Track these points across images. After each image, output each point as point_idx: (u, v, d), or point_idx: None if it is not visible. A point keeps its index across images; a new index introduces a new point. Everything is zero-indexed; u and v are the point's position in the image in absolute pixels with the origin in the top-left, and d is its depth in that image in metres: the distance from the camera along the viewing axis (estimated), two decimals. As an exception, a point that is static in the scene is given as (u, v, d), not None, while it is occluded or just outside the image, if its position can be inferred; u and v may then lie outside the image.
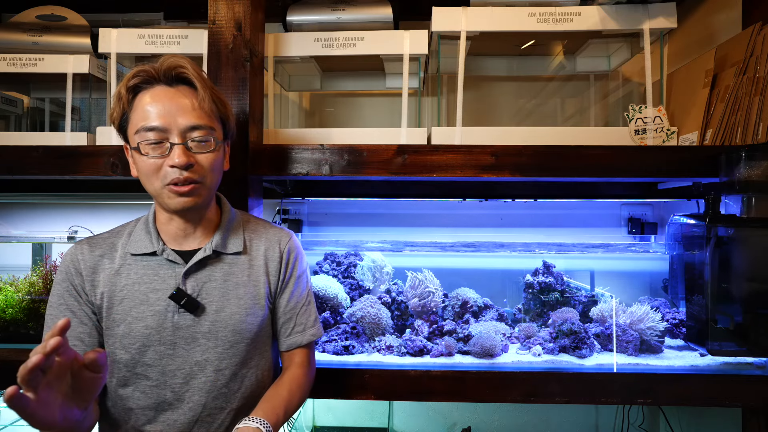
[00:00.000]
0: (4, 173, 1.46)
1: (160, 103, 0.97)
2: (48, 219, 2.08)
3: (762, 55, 1.40)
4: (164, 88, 0.99)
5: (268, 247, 1.13)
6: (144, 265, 1.04)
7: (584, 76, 1.99)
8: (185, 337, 1.02)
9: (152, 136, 0.96)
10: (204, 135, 0.99)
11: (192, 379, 1.02)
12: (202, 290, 1.04)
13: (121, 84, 0.99)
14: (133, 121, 0.99)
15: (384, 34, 1.56)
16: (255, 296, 1.08)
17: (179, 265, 1.04)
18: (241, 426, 0.94)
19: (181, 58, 1.00)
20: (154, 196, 1.02)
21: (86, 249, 1.06)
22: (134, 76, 0.98)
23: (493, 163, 1.40)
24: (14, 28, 1.68)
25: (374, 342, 1.53)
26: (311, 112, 2.16)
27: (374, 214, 2.04)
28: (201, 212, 1.06)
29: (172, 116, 0.97)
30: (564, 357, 1.47)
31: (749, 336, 1.35)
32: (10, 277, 1.63)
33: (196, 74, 1.00)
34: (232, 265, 1.08)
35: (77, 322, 1.03)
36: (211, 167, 1.01)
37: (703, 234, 1.40)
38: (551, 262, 1.73)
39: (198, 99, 0.99)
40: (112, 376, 1.03)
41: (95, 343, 1.04)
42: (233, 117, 1.10)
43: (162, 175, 0.97)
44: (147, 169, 0.98)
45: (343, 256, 1.76)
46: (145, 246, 1.05)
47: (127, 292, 1.03)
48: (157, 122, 0.96)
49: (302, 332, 1.15)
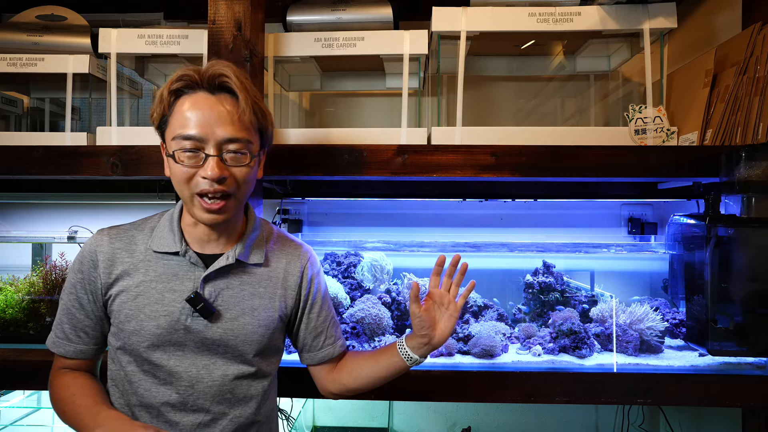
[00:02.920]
0: (5, 173, 1.46)
1: (200, 111, 0.95)
2: (48, 219, 2.08)
3: (762, 55, 1.40)
4: (206, 95, 0.97)
5: (288, 261, 1.13)
6: (164, 264, 1.04)
7: (584, 76, 1.99)
8: (195, 341, 1.02)
9: (188, 145, 0.95)
10: (240, 148, 0.97)
11: (198, 383, 1.02)
12: (218, 297, 1.03)
13: (164, 86, 0.98)
14: (172, 125, 0.98)
15: (384, 34, 1.56)
16: (269, 309, 1.08)
17: (199, 268, 1.03)
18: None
19: (226, 66, 0.98)
20: (184, 203, 1.02)
21: (106, 240, 1.06)
22: (178, 80, 0.97)
23: (493, 163, 1.40)
24: (14, 28, 1.67)
25: (374, 342, 1.53)
26: (311, 112, 2.16)
27: (374, 214, 2.04)
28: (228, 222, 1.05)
29: (210, 126, 0.95)
30: (564, 357, 1.47)
31: (749, 336, 1.35)
32: (10, 277, 1.63)
33: (240, 84, 0.97)
34: (251, 275, 1.08)
35: (84, 315, 1.05)
36: (244, 181, 1.00)
37: (703, 234, 1.40)
38: (551, 262, 1.73)
39: (239, 111, 0.97)
40: (122, 369, 1.04)
41: (98, 336, 1.07)
42: (273, 125, 1.07)
43: (194, 184, 0.97)
44: (180, 176, 0.97)
45: (343, 256, 1.76)
46: (168, 245, 1.04)
47: (143, 288, 1.02)
48: (195, 131, 0.95)
49: (333, 344, 1.16)
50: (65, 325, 1.06)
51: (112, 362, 1.07)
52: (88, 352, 1.07)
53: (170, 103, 0.98)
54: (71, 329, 1.06)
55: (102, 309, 1.05)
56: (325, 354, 1.15)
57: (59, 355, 1.08)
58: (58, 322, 1.07)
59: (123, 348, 1.03)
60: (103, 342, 1.09)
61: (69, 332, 1.06)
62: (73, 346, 1.06)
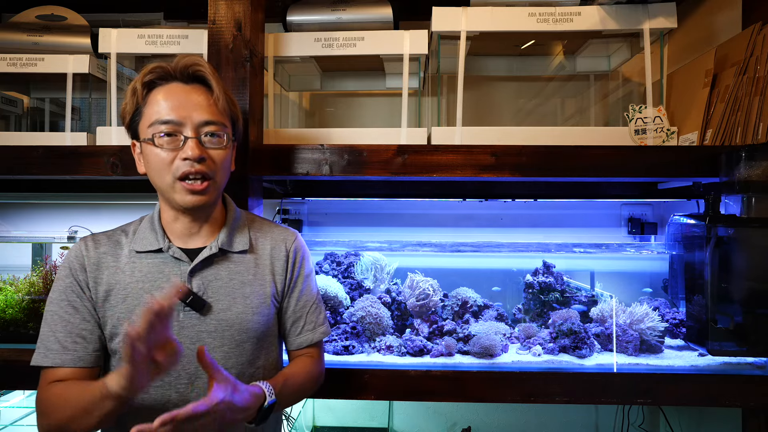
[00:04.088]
0: (5, 173, 1.46)
1: (176, 98, 0.99)
2: (48, 219, 2.08)
3: (762, 55, 1.40)
4: (179, 85, 1.01)
5: (273, 246, 1.13)
6: (149, 263, 1.04)
7: (584, 76, 1.99)
8: (191, 336, 1.01)
9: (166, 129, 0.98)
10: (217, 130, 1.02)
11: (197, 379, 1.01)
12: (208, 289, 1.04)
13: (137, 79, 1.00)
14: (147, 114, 1.00)
15: (384, 34, 1.56)
16: (261, 295, 1.08)
17: (185, 262, 1.04)
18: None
19: (197, 57, 1.02)
20: (164, 192, 1.02)
21: (91, 245, 1.06)
22: (150, 72, 0.99)
23: (493, 163, 1.40)
24: (14, 28, 1.68)
25: (374, 342, 1.53)
26: (311, 112, 2.16)
27: (374, 214, 2.04)
28: (208, 211, 1.07)
29: (187, 111, 0.99)
30: (564, 357, 1.47)
31: (749, 336, 1.35)
32: (10, 277, 1.63)
33: (213, 73, 1.02)
34: (238, 263, 1.08)
35: (80, 319, 1.02)
36: (222, 164, 1.03)
37: (703, 234, 1.40)
38: (551, 262, 1.73)
39: (213, 97, 1.01)
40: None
41: (96, 340, 1.03)
42: (241, 119, 1.11)
43: (174, 168, 0.98)
44: (159, 162, 0.99)
45: (343, 256, 1.76)
46: (150, 243, 1.04)
47: (131, 289, 1.02)
48: (172, 116, 0.98)
49: (313, 330, 1.15)
50: (59, 334, 1.00)
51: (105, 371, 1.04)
52: (87, 359, 1.00)
53: (144, 95, 1.00)
54: (66, 336, 1.00)
55: (95, 312, 1.03)
56: (303, 340, 1.14)
57: (54, 366, 0.99)
58: (49, 332, 1.00)
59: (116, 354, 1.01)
60: (102, 348, 1.04)
61: (64, 339, 0.99)
62: (70, 354, 0.99)
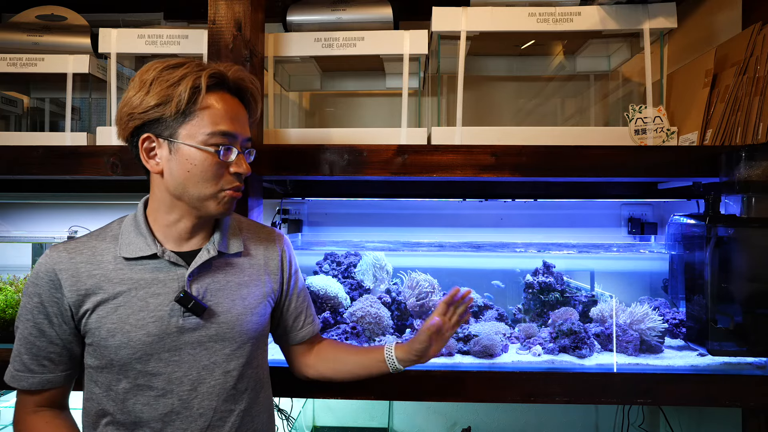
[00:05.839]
0: (4, 173, 1.46)
1: (233, 110, 0.99)
2: (48, 219, 2.08)
3: (762, 55, 1.40)
4: (230, 96, 1.00)
5: (266, 247, 1.14)
6: (140, 269, 0.98)
7: (584, 76, 1.99)
8: (191, 342, 0.99)
9: (226, 141, 0.97)
10: (251, 147, 1.05)
11: (200, 385, 0.99)
12: (206, 292, 1.02)
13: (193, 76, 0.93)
14: (202, 118, 0.95)
15: (384, 34, 1.56)
16: (258, 295, 1.08)
17: (181, 267, 1.00)
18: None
19: (249, 74, 1.04)
20: (194, 200, 0.98)
21: (64, 256, 0.98)
22: (210, 76, 0.95)
23: (493, 163, 1.40)
24: (14, 28, 1.68)
25: (374, 342, 1.53)
26: (311, 112, 2.16)
27: (374, 214, 2.04)
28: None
29: (241, 125, 1.00)
30: (564, 357, 1.47)
31: (749, 336, 1.35)
32: (10, 277, 1.63)
33: (258, 93, 1.06)
34: (233, 266, 1.07)
35: (46, 342, 0.97)
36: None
37: (703, 234, 1.40)
38: (551, 262, 1.73)
39: (253, 115, 1.05)
40: (110, 390, 0.97)
41: (66, 362, 0.99)
42: None
43: (224, 180, 0.99)
44: (208, 172, 0.96)
45: (343, 256, 1.76)
46: (141, 249, 0.98)
47: (123, 298, 0.96)
48: (232, 128, 0.98)
49: (312, 322, 1.22)
50: (24, 356, 0.97)
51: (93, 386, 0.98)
52: (56, 380, 0.99)
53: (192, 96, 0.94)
54: (31, 359, 0.97)
55: (71, 331, 0.98)
56: (305, 333, 1.19)
57: (22, 390, 0.98)
58: (17, 354, 0.98)
59: (110, 366, 0.96)
60: (73, 367, 1.01)
61: (29, 363, 0.97)
62: (37, 377, 0.97)
